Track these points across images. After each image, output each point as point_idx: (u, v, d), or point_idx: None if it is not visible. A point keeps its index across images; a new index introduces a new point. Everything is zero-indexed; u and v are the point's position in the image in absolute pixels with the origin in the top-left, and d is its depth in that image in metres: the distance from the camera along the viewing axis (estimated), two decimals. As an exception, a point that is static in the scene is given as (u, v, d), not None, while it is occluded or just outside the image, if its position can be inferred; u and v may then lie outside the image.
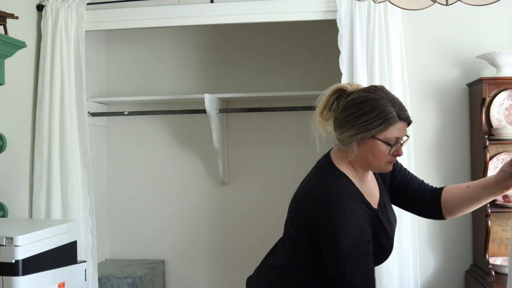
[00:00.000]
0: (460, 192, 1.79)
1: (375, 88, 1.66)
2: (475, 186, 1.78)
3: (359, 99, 1.62)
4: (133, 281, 3.20)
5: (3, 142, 2.52)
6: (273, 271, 1.77)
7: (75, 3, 2.96)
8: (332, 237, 1.55)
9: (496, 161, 2.79)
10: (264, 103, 3.54)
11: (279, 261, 1.76)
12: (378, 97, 1.61)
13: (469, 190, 1.78)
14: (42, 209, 2.88)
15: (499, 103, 2.80)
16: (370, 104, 1.59)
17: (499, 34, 2.86)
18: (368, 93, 1.63)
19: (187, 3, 3.05)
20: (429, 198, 1.83)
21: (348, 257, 1.53)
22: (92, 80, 3.49)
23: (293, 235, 1.71)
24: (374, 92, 1.63)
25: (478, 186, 1.77)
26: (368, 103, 1.60)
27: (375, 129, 1.58)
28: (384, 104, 1.59)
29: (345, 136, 1.63)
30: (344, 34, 2.78)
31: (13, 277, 1.90)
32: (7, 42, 2.37)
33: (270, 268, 1.79)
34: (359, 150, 1.63)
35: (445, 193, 1.81)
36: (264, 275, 1.81)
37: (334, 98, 1.69)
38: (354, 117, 1.60)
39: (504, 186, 1.70)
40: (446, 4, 1.62)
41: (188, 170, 3.67)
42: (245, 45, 3.65)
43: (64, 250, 2.17)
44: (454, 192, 1.80)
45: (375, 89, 1.65)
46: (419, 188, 1.85)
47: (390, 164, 1.68)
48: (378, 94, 1.62)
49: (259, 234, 3.53)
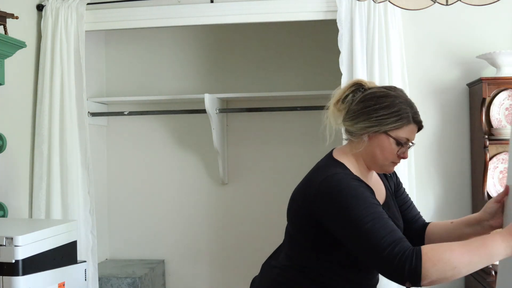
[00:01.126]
0: (443, 227, 1.80)
1: (395, 87, 1.70)
2: (459, 223, 1.77)
3: (379, 93, 1.65)
4: (133, 281, 3.20)
5: (3, 142, 2.52)
6: (273, 272, 1.76)
7: (75, 3, 2.97)
8: (340, 212, 1.51)
9: (496, 161, 2.79)
10: (264, 103, 3.54)
11: (279, 261, 1.75)
12: (397, 95, 1.64)
13: (452, 226, 1.78)
14: (42, 209, 2.88)
15: (499, 103, 2.80)
16: (389, 100, 1.62)
17: (499, 34, 2.86)
18: (388, 90, 1.66)
19: (187, 3, 3.05)
20: (417, 230, 1.84)
21: (365, 221, 1.46)
22: (92, 80, 3.49)
23: (292, 234, 1.70)
24: (394, 90, 1.66)
25: (461, 223, 1.76)
26: (387, 98, 1.62)
27: (390, 125, 1.60)
28: (402, 103, 1.62)
29: (357, 128, 1.64)
30: (344, 34, 2.78)
31: (13, 277, 1.90)
32: (7, 42, 2.38)
33: (270, 268, 1.78)
34: (368, 143, 1.64)
35: (430, 226, 1.83)
36: (265, 275, 1.80)
37: (350, 90, 1.70)
38: (372, 110, 1.62)
39: (488, 225, 1.68)
40: (446, 4, 1.62)
41: (188, 170, 3.67)
42: (245, 45, 3.65)
43: (64, 250, 2.17)
44: (438, 227, 1.81)
45: (395, 88, 1.69)
46: (413, 218, 1.86)
47: (393, 165, 1.69)
48: (398, 93, 1.65)
49: (259, 234, 3.54)
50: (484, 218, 1.68)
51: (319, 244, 1.62)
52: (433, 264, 1.38)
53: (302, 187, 1.68)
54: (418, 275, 1.38)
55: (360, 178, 1.62)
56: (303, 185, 1.67)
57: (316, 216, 1.58)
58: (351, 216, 1.48)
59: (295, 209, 1.68)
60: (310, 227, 1.61)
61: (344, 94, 1.71)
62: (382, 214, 1.50)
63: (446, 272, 1.38)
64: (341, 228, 1.52)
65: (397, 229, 1.48)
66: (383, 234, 1.44)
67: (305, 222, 1.63)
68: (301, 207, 1.64)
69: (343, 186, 1.54)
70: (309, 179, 1.66)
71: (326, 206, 1.55)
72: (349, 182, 1.55)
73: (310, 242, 1.64)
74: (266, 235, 3.50)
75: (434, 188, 2.90)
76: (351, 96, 1.69)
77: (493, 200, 1.66)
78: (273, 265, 1.77)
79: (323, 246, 1.62)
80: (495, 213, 1.65)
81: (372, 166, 1.70)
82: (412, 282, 1.40)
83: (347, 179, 1.57)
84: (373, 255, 1.44)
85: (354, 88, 1.70)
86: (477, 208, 2.79)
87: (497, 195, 1.66)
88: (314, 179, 1.62)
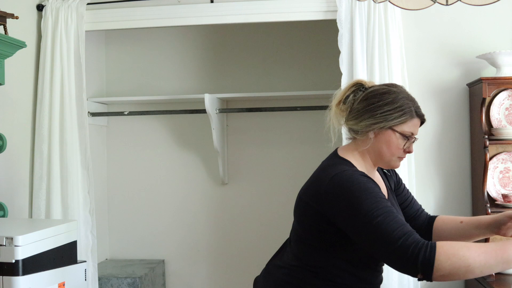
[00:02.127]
0: (453, 225, 1.83)
1: (396, 84, 1.74)
2: (468, 223, 1.81)
3: (381, 90, 1.68)
4: (133, 281, 3.20)
5: (3, 142, 2.52)
6: (279, 272, 1.75)
7: (75, 3, 2.96)
8: (351, 208, 1.52)
9: (496, 161, 2.79)
10: (264, 103, 3.54)
11: (285, 261, 1.75)
12: (399, 91, 1.67)
13: (462, 225, 1.81)
14: (42, 209, 2.88)
15: (499, 103, 2.80)
16: (392, 96, 1.65)
17: (499, 34, 2.86)
18: (390, 87, 1.70)
19: (187, 3, 3.04)
20: (422, 223, 1.87)
21: (376, 215, 1.47)
22: (92, 80, 3.49)
23: (300, 234, 1.70)
24: (395, 87, 1.70)
25: (472, 224, 1.80)
26: (390, 95, 1.66)
27: (395, 120, 1.63)
28: (405, 98, 1.66)
29: (362, 126, 1.67)
30: (344, 34, 2.78)
31: (13, 277, 1.90)
32: (7, 42, 2.37)
33: (276, 268, 1.78)
34: (374, 140, 1.67)
35: (437, 221, 1.86)
36: (271, 276, 1.80)
37: (351, 91, 1.73)
38: (376, 106, 1.65)
39: (495, 232, 1.74)
40: (446, 4, 1.62)
41: (188, 170, 3.67)
42: (245, 45, 3.65)
43: (64, 250, 2.16)
44: (448, 224, 1.84)
45: (396, 85, 1.72)
46: (415, 212, 1.89)
47: (399, 160, 1.72)
48: (399, 89, 1.69)
49: (259, 234, 3.54)
50: (494, 225, 1.73)
51: (329, 243, 1.63)
52: (447, 257, 1.39)
53: (310, 186, 1.68)
54: (431, 266, 1.39)
55: (367, 174, 1.63)
56: (311, 184, 1.68)
57: (327, 214, 1.59)
58: (362, 210, 1.50)
59: (303, 209, 1.68)
60: (320, 225, 1.62)
61: (345, 94, 1.73)
62: (391, 208, 1.51)
63: (459, 269, 1.38)
64: (353, 223, 1.53)
65: (407, 224, 1.50)
66: (395, 226, 1.45)
67: (314, 221, 1.64)
68: (310, 206, 1.64)
69: (353, 182, 1.55)
70: (317, 178, 1.67)
71: (337, 203, 1.56)
72: (358, 178, 1.57)
73: (319, 241, 1.64)
74: (266, 235, 3.51)
75: (434, 188, 2.90)
76: (352, 96, 1.72)
77: (508, 215, 1.71)
78: (279, 265, 1.77)
79: (333, 245, 1.63)
80: (506, 227, 1.71)
81: (379, 162, 1.72)
82: (425, 273, 1.41)
83: (356, 175, 1.58)
84: (386, 246, 1.45)
85: (355, 88, 1.73)
86: (477, 208, 2.79)
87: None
88: (323, 177, 1.63)
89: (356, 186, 1.54)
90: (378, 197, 1.53)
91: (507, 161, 2.81)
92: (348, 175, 1.58)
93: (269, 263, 1.85)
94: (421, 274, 1.41)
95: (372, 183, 1.59)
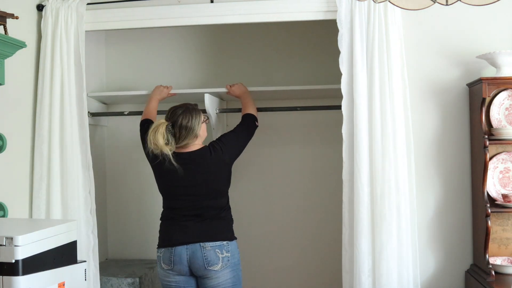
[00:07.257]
0: None
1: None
2: None
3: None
4: (133, 281, 3.20)
5: (3, 142, 2.52)
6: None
7: (75, 3, 2.96)
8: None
9: (496, 161, 2.80)
10: (264, 103, 3.53)
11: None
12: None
13: None
14: (42, 209, 2.88)
15: (499, 103, 2.80)
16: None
17: (499, 34, 2.86)
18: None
19: (187, 3, 3.04)
20: None
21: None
22: (92, 80, 3.48)
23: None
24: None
25: None
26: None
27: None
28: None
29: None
30: (344, 34, 2.78)
31: (13, 277, 1.90)
32: (7, 42, 2.37)
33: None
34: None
35: None
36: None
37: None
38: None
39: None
40: (446, 4, 1.63)
41: (188, 170, 3.66)
42: (245, 46, 3.65)
43: (64, 250, 2.17)
44: None
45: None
46: None
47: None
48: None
49: (259, 234, 3.53)
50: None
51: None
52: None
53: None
54: None
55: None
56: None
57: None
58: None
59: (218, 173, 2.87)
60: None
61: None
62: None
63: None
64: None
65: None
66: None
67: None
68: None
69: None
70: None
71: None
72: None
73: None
74: (265, 235, 3.50)
75: (434, 188, 2.90)
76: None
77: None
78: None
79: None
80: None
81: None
82: None
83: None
84: None
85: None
86: (477, 208, 2.79)
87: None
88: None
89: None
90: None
91: (507, 161, 2.81)
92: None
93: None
94: None
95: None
